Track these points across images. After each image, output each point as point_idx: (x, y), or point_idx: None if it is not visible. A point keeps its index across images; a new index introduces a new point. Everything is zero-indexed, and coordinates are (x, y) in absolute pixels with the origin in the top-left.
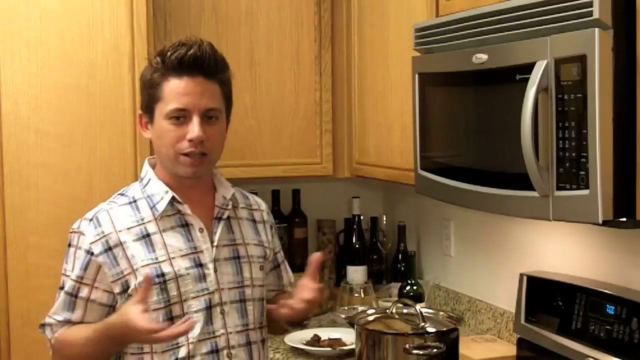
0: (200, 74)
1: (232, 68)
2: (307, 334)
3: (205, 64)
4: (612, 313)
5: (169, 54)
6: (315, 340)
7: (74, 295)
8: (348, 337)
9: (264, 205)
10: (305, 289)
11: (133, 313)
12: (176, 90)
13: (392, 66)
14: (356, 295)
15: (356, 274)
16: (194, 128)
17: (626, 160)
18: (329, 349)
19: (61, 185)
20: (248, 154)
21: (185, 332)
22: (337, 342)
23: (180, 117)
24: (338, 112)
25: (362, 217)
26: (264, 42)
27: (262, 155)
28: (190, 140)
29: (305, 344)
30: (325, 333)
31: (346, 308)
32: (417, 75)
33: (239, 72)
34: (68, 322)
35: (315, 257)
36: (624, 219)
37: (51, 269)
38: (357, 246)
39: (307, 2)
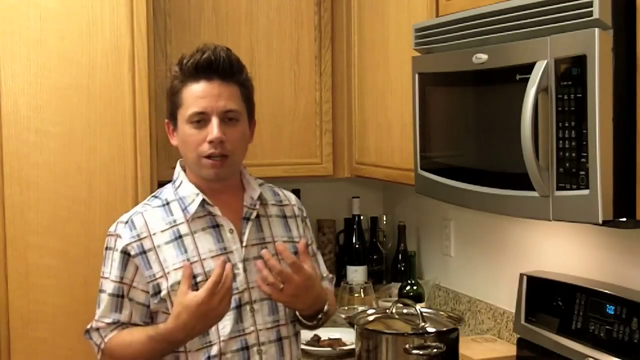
0: (217, 77)
1: None
2: (307, 334)
3: (220, 67)
4: (612, 313)
5: (185, 61)
6: (315, 340)
7: (119, 295)
8: (348, 337)
9: (294, 200)
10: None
11: (185, 298)
12: (194, 94)
13: (392, 66)
14: (356, 295)
15: (356, 274)
16: (213, 129)
17: (626, 160)
18: (329, 349)
19: (61, 185)
20: (248, 154)
21: (222, 269)
22: (337, 342)
23: (200, 120)
24: (338, 112)
25: (362, 217)
26: (264, 42)
27: (262, 155)
28: (210, 142)
29: (305, 344)
30: (325, 333)
31: (346, 308)
32: (417, 75)
33: None
34: (117, 323)
35: (301, 244)
36: (624, 219)
37: (51, 269)
38: (357, 246)
39: (307, 2)
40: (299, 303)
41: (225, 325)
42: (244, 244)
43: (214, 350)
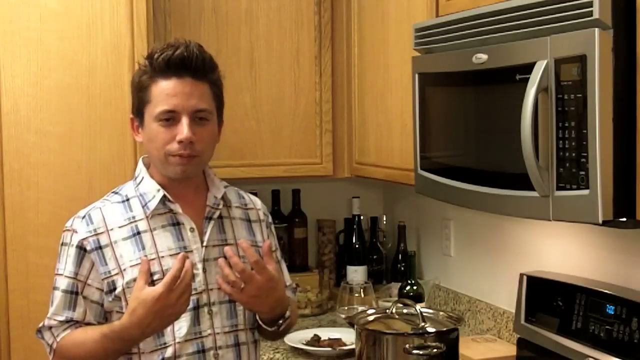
0: (188, 75)
1: (232, 68)
2: (307, 334)
3: (192, 65)
4: (612, 313)
5: (156, 55)
6: (315, 340)
7: (73, 292)
8: (348, 337)
9: (260, 205)
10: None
11: (142, 293)
12: (164, 91)
13: (392, 66)
14: (356, 295)
15: (356, 274)
16: (183, 129)
17: (626, 160)
18: (329, 349)
19: (61, 185)
20: (248, 154)
21: (181, 264)
22: (337, 342)
23: (169, 118)
24: (338, 112)
25: (362, 217)
26: (264, 42)
27: (262, 155)
28: (180, 142)
29: (305, 344)
30: (325, 333)
31: (346, 308)
32: (417, 75)
33: (239, 72)
34: (70, 322)
35: (266, 244)
36: (624, 219)
37: (51, 269)
38: (357, 246)
39: (307, 2)
40: (260, 305)
41: (182, 326)
42: (205, 243)
43: (169, 352)
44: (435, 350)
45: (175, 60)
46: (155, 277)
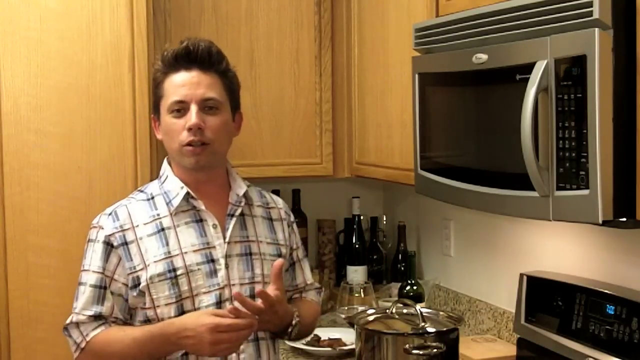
0: (195, 66)
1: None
2: None
3: (198, 56)
4: (612, 313)
5: (165, 53)
6: (315, 340)
7: (102, 287)
8: (348, 337)
9: (281, 204)
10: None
11: (203, 311)
12: (174, 84)
13: (392, 66)
14: (356, 295)
15: (356, 274)
16: (192, 116)
17: (626, 160)
18: (329, 349)
19: (61, 185)
20: (248, 154)
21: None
22: (337, 342)
23: (180, 109)
24: (338, 112)
25: (362, 217)
26: (264, 42)
27: (262, 155)
28: (189, 130)
29: (305, 344)
30: (325, 333)
31: (346, 308)
32: (417, 75)
33: (239, 72)
34: (99, 317)
35: (276, 263)
36: (624, 219)
37: (51, 269)
38: (357, 246)
39: (307, 2)
40: (266, 326)
41: None
42: (227, 240)
43: None
44: (435, 350)
45: (181, 53)
46: (179, 272)
